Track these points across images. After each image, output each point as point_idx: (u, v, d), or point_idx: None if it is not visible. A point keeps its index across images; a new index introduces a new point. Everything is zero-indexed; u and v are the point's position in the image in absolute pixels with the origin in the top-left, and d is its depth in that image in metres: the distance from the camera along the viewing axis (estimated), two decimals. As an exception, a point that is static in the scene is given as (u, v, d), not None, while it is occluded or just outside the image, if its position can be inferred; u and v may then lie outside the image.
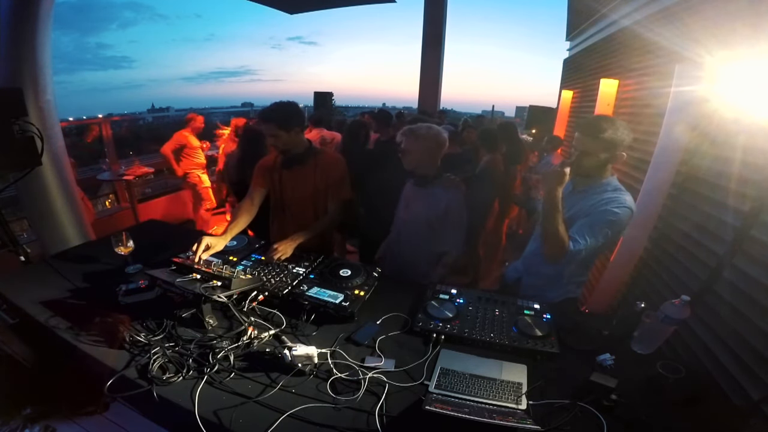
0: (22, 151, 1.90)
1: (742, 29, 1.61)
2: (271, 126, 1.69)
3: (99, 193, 4.47)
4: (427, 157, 1.73)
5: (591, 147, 1.36)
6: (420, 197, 1.80)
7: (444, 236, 1.76)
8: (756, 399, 1.17)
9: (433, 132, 1.73)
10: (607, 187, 1.41)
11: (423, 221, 1.78)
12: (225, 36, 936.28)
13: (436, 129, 1.76)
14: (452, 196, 1.74)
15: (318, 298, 1.33)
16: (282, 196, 1.91)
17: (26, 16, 2.45)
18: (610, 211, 1.34)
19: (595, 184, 1.43)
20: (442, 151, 1.76)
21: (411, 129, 1.74)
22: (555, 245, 1.37)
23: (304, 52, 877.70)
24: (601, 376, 1.00)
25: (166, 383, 1.03)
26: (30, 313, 1.30)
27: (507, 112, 15.55)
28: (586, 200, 1.43)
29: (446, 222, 1.73)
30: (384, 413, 0.96)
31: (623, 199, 1.36)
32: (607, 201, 1.36)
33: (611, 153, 1.36)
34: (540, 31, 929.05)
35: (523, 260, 1.71)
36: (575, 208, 1.46)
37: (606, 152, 1.35)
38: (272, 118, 1.68)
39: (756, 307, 1.28)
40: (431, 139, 1.71)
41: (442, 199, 1.73)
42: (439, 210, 1.73)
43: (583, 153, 1.39)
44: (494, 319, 1.31)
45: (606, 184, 1.42)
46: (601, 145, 1.34)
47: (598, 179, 1.43)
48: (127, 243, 1.55)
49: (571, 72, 6.01)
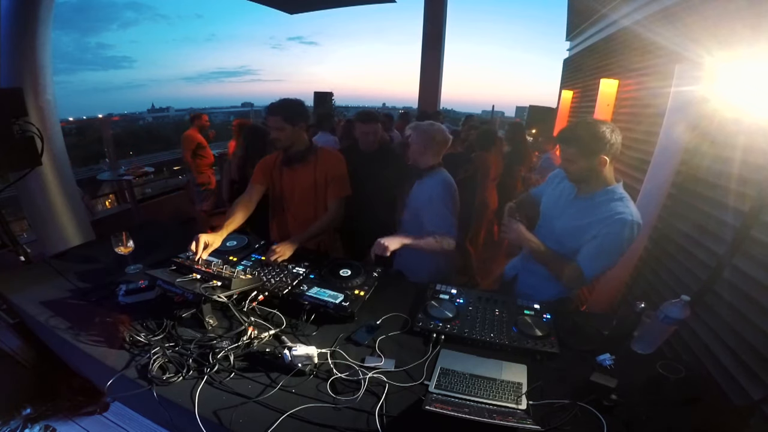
0: (22, 151, 1.90)
1: (742, 29, 1.62)
2: (278, 119, 1.73)
3: (99, 193, 4.47)
4: (426, 151, 1.78)
5: (568, 154, 1.35)
6: (416, 190, 1.85)
7: (430, 220, 1.74)
8: (756, 399, 1.17)
9: (434, 128, 1.78)
10: (612, 195, 1.36)
11: (414, 214, 1.83)
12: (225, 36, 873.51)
13: (439, 126, 1.80)
14: (435, 182, 1.76)
15: (318, 298, 1.33)
16: (282, 193, 1.92)
17: (26, 16, 2.45)
18: (619, 235, 1.29)
19: (599, 190, 1.38)
20: (442, 148, 1.80)
21: (417, 124, 1.80)
22: (569, 279, 1.39)
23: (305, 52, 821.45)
24: (601, 376, 1.00)
25: (166, 383, 1.02)
26: (30, 313, 1.30)
27: (507, 112, 15.56)
28: (592, 209, 1.38)
29: (430, 207, 1.74)
30: (384, 413, 0.96)
31: (629, 213, 1.29)
32: (613, 219, 1.30)
33: (591, 158, 1.31)
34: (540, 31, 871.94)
35: (521, 257, 1.71)
36: (580, 216, 1.41)
37: (585, 158, 1.32)
38: (279, 112, 1.73)
39: (756, 307, 1.28)
40: (431, 134, 1.76)
41: (427, 186, 1.78)
42: (425, 197, 1.77)
43: (564, 161, 1.38)
44: (494, 319, 1.31)
45: (611, 191, 1.37)
46: (579, 151, 1.31)
47: (600, 185, 1.38)
48: (127, 243, 1.55)
49: (571, 72, 6.01)
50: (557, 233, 1.47)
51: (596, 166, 1.33)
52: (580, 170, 1.36)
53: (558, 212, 1.51)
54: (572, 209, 1.45)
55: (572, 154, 1.34)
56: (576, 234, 1.40)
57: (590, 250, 1.35)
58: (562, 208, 1.50)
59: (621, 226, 1.29)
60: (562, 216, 1.48)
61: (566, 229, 1.44)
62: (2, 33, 2.42)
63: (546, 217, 1.59)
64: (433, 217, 1.73)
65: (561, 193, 1.53)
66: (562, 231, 1.46)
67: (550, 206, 1.58)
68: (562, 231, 1.46)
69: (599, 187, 1.39)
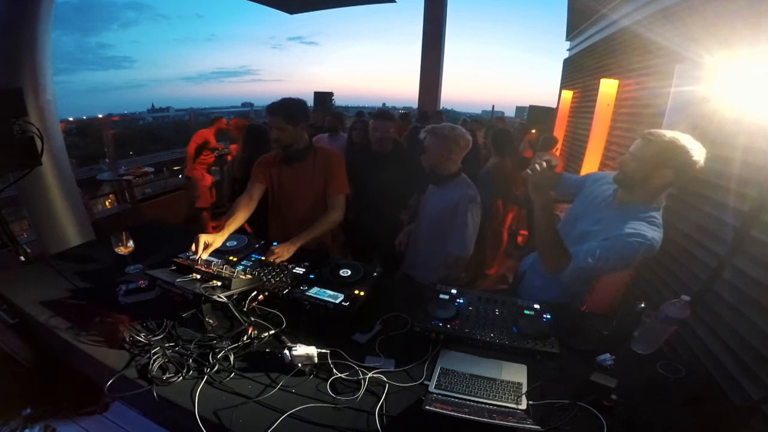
0: (22, 151, 1.90)
1: (742, 29, 1.62)
2: (279, 119, 1.73)
3: (99, 193, 4.47)
4: (450, 156, 1.75)
5: (642, 152, 1.22)
6: (435, 195, 1.85)
7: (452, 235, 1.76)
8: (756, 399, 1.17)
9: (456, 132, 1.74)
10: (645, 214, 1.25)
11: (434, 220, 1.82)
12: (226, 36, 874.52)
13: (460, 130, 1.76)
14: (463, 196, 1.74)
15: (318, 298, 1.33)
16: (281, 192, 1.93)
17: (26, 16, 2.45)
18: (630, 244, 1.20)
19: (639, 204, 1.27)
20: (463, 151, 1.77)
21: (434, 128, 1.76)
22: (552, 258, 1.30)
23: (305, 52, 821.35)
24: (601, 376, 1.00)
25: (166, 383, 1.02)
26: (30, 313, 1.30)
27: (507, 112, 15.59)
28: (619, 222, 1.26)
29: (454, 222, 1.74)
30: (384, 413, 0.96)
31: (649, 238, 1.19)
32: (632, 232, 1.21)
33: (662, 169, 1.19)
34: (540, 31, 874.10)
35: (536, 255, 1.65)
36: (604, 223, 1.31)
37: (656, 168, 1.19)
38: (280, 112, 1.74)
39: (756, 307, 1.28)
40: (455, 138, 1.73)
41: (454, 199, 1.75)
42: (450, 209, 1.75)
43: (633, 155, 1.25)
44: (494, 319, 1.31)
45: (653, 208, 1.26)
46: (655, 153, 1.18)
47: (643, 198, 1.27)
48: (127, 243, 1.55)
49: (571, 72, 6.01)
50: (575, 234, 1.40)
51: (656, 178, 1.22)
52: (642, 174, 1.23)
53: (582, 213, 1.44)
54: (600, 214, 1.36)
55: (644, 153, 1.21)
56: (589, 236, 1.33)
57: (596, 246, 1.25)
58: (591, 210, 1.42)
59: (638, 239, 1.19)
60: (585, 218, 1.41)
61: (586, 232, 1.36)
62: (2, 33, 2.42)
63: (570, 216, 1.52)
64: (457, 234, 1.73)
65: (596, 196, 1.44)
66: (580, 233, 1.38)
67: (579, 206, 1.50)
68: (580, 233, 1.38)
69: (639, 200, 1.28)
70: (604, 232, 1.27)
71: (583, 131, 4.44)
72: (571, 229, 1.44)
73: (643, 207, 1.27)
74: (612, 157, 3.26)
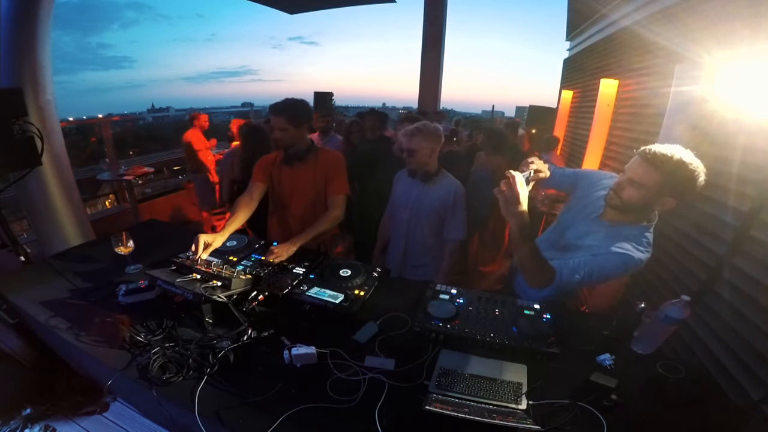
0: (22, 151, 1.90)
1: (742, 29, 1.61)
2: (281, 120, 1.75)
3: (99, 193, 4.47)
4: (434, 153, 1.84)
5: (644, 179, 1.13)
6: (429, 193, 1.89)
7: (453, 223, 1.89)
8: (756, 399, 1.17)
9: (437, 127, 1.83)
10: (639, 238, 1.20)
11: (434, 214, 1.89)
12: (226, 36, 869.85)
13: (436, 125, 1.85)
14: (456, 186, 1.89)
15: (318, 298, 1.33)
16: (281, 191, 1.93)
17: (26, 16, 2.45)
18: (616, 265, 1.17)
19: (631, 225, 1.22)
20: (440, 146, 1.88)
21: (418, 128, 1.80)
22: (533, 277, 1.23)
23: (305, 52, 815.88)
24: (601, 376, 1.00)
25: (166, 383, 1.03)
26: (30, 313, 1.30)
27: (507, 112, 15.60)
28: (608, 240, 1.21)
29: (455, 210, 1.87)
30: (384, 413, 0.96)
31: (639, 258, 1.16)
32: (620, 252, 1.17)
33: (665, 197, 1.14)
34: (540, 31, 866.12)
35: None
36: (591, 239, 1.27)
37: (659, 197, 1.14)
38: (283, 112, 1.75)
39: (756, 307, 1.28)
40: (439, 134, 1.82)
41: (451, 191, 1.86)
42: (449, 201, 1.86)
43: (631, 181, 1.16)
44: (494, 319, 1.31)
45: (645, 227, 1.22)
46: (660, 183, 1.11)
47: (638, 221, 1.23)
48: (127, 243, 1.55)
49: (571, 72, 6.01)
50: (562, 244, 1.37)
51: (657, 205, 1.18)
52: (639, 202, 1.17)
53: (572, 222, 1.40)
54: (588, 228, 1.32)
55: (648, 181, 1.13)
56: (575, 248, 1.29)
57: (582, 262, 1.20)
58: (579, 221, 1.38)
59: (624, 259, 1.17)
60: (573, 228, 1.38)
61: (571, 245, 1.33)
62: (2, 33, 2.42)
63: (561, 224, 1.47)
64: (456, 224, 1.88)
65: (587, 204, 1.38)
66: (566, 245, 1.34)
67: (569, 214, 1.44)
68: (566, 245, 1.34)
69: (633, 222, 1.23)
70: (593, 248, 1.24)
71: (583, 131, 4.43)
72: (559, 238, 1.42)
73: (636, 229, 1.23)
74: (612, 157, 3.25)
